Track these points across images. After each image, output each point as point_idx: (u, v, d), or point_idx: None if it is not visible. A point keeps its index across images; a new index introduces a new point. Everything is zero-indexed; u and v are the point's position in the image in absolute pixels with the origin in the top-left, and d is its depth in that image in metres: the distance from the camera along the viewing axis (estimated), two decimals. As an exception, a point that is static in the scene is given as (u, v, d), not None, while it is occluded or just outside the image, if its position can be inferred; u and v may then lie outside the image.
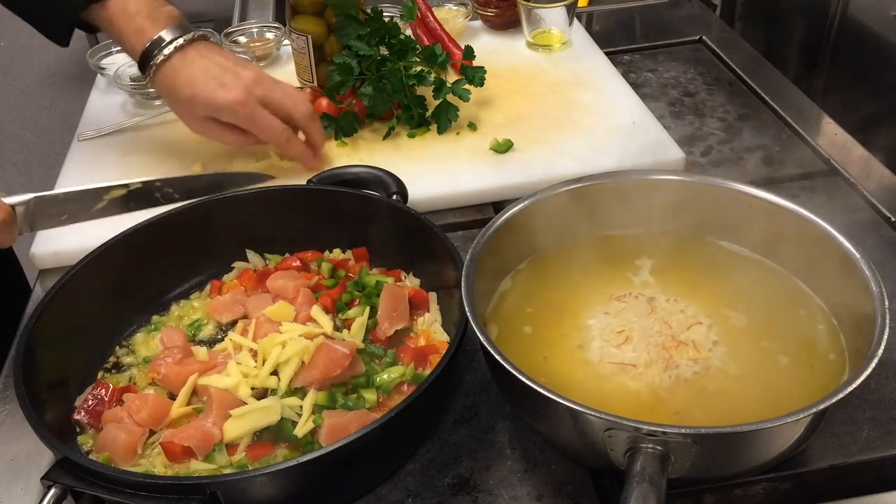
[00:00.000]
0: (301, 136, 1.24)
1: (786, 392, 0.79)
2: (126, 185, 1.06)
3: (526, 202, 0.92)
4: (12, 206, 0.96)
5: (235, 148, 1.25)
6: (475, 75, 1.34)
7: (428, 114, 1.34)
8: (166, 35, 1.14)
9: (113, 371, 0.95)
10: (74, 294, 0.94)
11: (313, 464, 0.72)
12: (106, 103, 1.49)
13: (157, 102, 1.44)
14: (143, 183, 1.07)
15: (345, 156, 1.29)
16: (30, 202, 0.99)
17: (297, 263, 1.04)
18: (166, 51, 1.14)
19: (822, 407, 0.67)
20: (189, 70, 1.14)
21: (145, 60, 1.15)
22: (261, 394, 0.88)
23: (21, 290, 1.38)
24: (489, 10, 1.61)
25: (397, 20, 1.36)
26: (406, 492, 0.82)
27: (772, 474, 0.81)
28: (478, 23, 1.66)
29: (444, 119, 1.32)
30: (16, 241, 0.99)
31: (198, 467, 0.82)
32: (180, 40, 1.14)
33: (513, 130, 1.32)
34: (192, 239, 1.05)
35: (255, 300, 0.99)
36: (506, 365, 0.73)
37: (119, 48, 1.48)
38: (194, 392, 0.89)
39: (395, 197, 1.07)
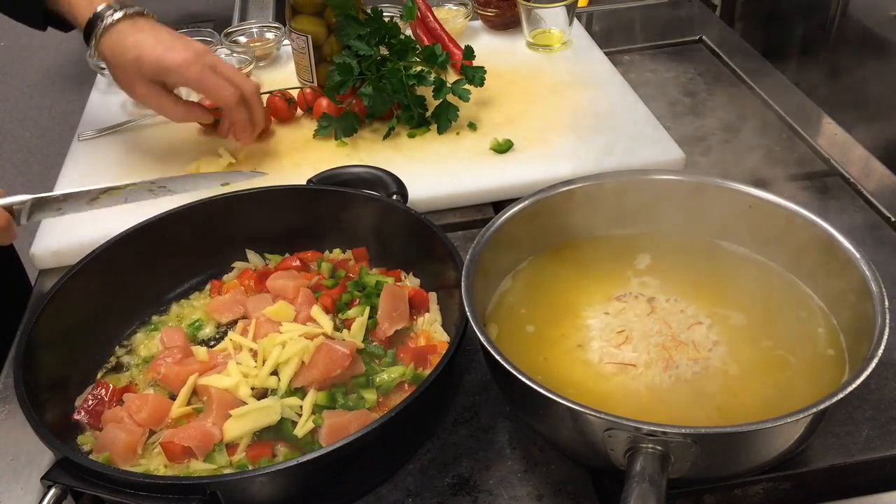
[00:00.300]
0: None
1: (786, 392, 0.79)
2: (120, 188, 1.06)
3: (526, 202, 0.92)
4: (9, 208, 0.97)
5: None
6: (475, 75, 1.34)
7: (428, 114, 1.34)
8: (116, 4, 1.15)
9: (113, 371, 0.95)
10: (74, 294, 0.94)
11: (313, 464, 0.72)
12: (106, 103, 1.49)
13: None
14: (137, 183, 1.07)
15: (345, 156, 1.29)
16: (27, 203, 1.00)
17: (297, 263, 1.04)
18: (116, 15, 1.15)
19: (822, 407, 0.67)
20: (138, 34, 1.15)
21: (92, 25, 1.15)
22: (261, 394, 0.88)
23: (21, 290, 1.38)
24: (489, 10, 1.61)
25: (397, 20, 1.36)
26: (406, 492, 0.82)
27: (772, 474, 0.81)
28: (478, 23, 1.66)
29: (444, 119, 1.32)
30: (16, 238, 1.00)
31: (198, 467, 0.82)
32: (130, 10, 1.16)
33: (513, 130, 1.32)
34: (192, 239, 1.05)
35: (255, 300, 0.99)
36: (506, 365, 0.73)
37: None
38: (194, 392, 0.89)
39: (395, 197, 1.07)
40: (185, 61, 1.14)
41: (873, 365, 0.70)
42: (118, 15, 1.14)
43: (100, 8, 1.15)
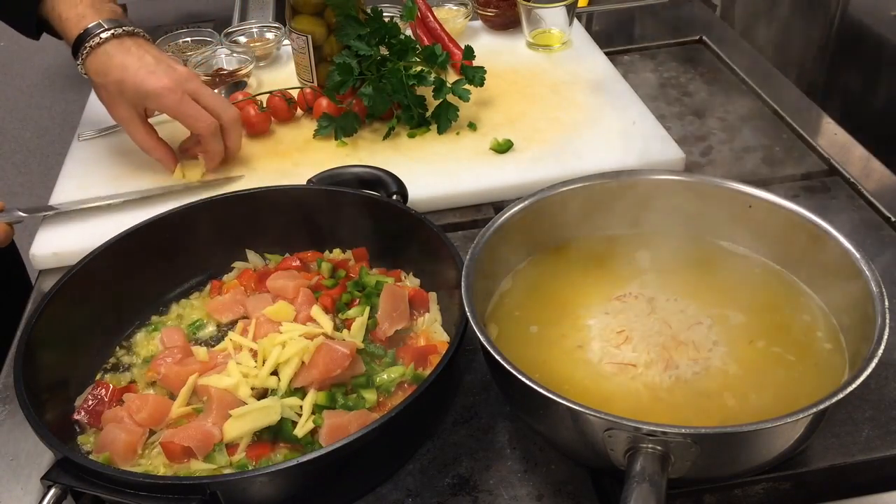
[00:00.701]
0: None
1: (785, 392, 0.79)
2: (112, 205, 1.12)
3: (526, 202, 0.92)
4: (9, 223, 1.02)
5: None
6: (475, 75, 1.34)
7: (428, 114, 1.34)
8: (106, 23, 1.16)
9: (113, 371, 0.95)
10: (74, 294, 0.94)
11: (313, 464, 0.72)
12: (106, 103, 1.48)
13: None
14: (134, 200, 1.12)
15: (345, 156, 1.29)
16: (24, 218, 1.07)
17: (297, 263, 1.04)
18: (104, 35, 1.15)
19: (822, 407, 0.67)
20: (123, 56, 1.15)
21: (81, 41, 1.15)
22: (261, 394, 0.88)
23: (21, 289, 1.38)
24: (489, 10, 1.61)
25: (397, 20, 1.36)
26: (406, 492, 0.82)
27: (772, 474, 0.81)
28: (478, 23, 1.66)
29: (444, 119, 1.32)
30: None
31: (198, 467, 0.82)
32: (119, 30, 1.16)
33: (513, 130, 1.32)
34: (193, 239, 1.05)
35: (255, 300, 0.99)
36: (506, 365, 0.73)
37: None
38: (194, 392, 0.89)
39: (395, 197, 1.07)
40: (165, 88, 1.15)
41: (873, 365, 0.70)
42: (105, 35, 1.15)
43: (89, 26, 1.15)
